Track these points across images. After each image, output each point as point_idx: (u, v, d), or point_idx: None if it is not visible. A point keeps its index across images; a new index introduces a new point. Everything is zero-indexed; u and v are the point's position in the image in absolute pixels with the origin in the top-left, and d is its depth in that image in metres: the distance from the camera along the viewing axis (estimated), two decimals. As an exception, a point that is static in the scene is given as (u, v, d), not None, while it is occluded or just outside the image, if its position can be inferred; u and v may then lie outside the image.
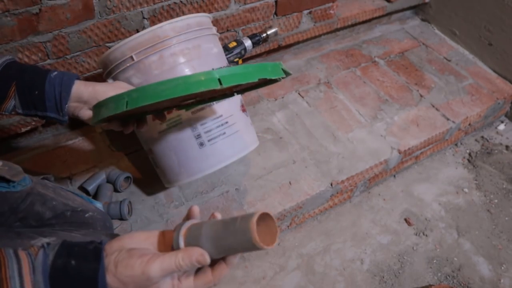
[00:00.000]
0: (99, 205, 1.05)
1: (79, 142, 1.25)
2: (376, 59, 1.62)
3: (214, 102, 0.95)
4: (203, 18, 0.96)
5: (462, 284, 1.15)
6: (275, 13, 1.37)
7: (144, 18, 1.13)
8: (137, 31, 1.11)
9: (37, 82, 0.66)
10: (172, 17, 1.17)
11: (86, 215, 0.80)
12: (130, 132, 0.75)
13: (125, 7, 1.08)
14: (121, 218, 1.05)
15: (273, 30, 1.32)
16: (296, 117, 1.36)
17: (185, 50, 0.91)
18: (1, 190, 0.70)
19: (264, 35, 1.30)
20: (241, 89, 0.78)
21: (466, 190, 1.38)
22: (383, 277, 1.16)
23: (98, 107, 0.60)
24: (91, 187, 1.09)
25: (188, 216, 0.52)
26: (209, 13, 1.21)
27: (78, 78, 0.69)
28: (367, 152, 1.27)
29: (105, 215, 0.89)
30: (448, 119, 1.40)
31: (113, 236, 0.87)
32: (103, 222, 0.84)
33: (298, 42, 1.59)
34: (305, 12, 1.44)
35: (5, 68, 0.67)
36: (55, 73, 0.67)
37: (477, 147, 1.52)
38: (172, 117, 0.93)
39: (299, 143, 1.28)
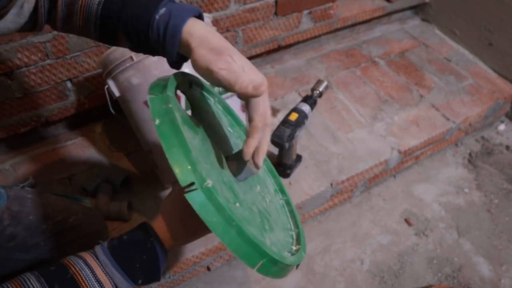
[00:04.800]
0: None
1: (79, 142, 1.25)
2: (376, 59, 1.62)
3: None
4: (203, 18, 0.96)
5: (462, 285, 1.15)
6: (275, 13, 1.37)
7: (144, 18, 1.13)
8: (137, 31, 1.10)
9: (140, 29, 0.56)
10: (172, 17, 1.17)
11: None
12: (130, 132, 0.73)
13: (125, 7, 1.08)
14: (121, 219, 1.05)
15: (324, 85, 1.16)
16: (296, 117, 1.35)
17: (185, 50, 0.90)
18: None
19: (317, 92, 1.15)
20: None
21: (466, 190, 1.38)
22: (383, 278, 1.15)
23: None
24: (90, 187, 1.09)
25: None
26: (209, 13, 1.21)
27: (186, 18, 0.55)
28: (367, 152, 1.27)
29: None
30: (448, 119, 1.40)
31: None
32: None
33: (298, 42, 1.59)
34: (305, 12, 1.44)
35: (107, 3, 0.56)
36: (161, 13, 0.55)
37: (477, 147, 1.52)
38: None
39: (299, 143, 1.28)
